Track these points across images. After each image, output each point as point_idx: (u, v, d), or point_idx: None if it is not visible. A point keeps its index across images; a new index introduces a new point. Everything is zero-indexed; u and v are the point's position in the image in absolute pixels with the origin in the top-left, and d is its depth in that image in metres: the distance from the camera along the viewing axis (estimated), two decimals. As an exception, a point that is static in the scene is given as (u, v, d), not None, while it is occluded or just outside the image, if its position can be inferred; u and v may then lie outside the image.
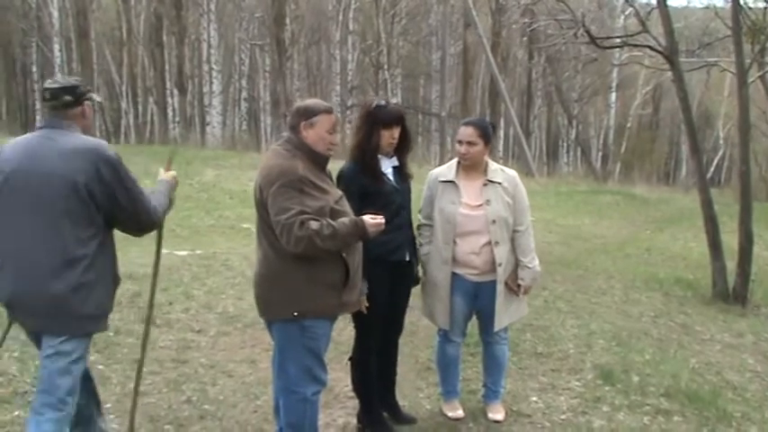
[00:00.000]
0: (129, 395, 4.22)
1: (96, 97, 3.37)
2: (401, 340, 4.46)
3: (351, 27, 29.27)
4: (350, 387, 4.21)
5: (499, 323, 4.09)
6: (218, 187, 13.49)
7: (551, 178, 25.88)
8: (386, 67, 30.01)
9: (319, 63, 36.62)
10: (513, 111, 28.40)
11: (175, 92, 28.76)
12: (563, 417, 4.38)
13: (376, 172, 3.82)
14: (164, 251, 7.63)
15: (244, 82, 31.58)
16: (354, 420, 4.13)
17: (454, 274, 4.02)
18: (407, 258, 3.95)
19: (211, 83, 26.16)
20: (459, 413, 4.29)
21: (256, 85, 33.71)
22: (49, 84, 3.13)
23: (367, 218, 3.27)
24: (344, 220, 3.24)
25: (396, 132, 3.82)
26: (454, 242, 3.99)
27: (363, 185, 3.74)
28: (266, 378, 4.59)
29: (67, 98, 3.08)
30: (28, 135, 3.13)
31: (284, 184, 3.15)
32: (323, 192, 3.27)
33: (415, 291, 4.24)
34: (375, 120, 3.80)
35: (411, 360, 5.16)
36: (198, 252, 7.75)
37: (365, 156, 3.81)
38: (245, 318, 5.85)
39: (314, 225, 3.11)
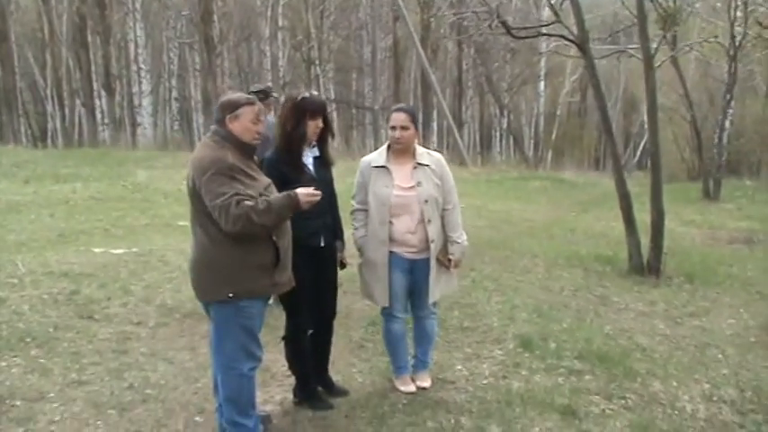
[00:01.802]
0: (72, 385, 4.43)
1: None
2: (336, 321, 4.73)
3: (280, 23, 29.25)
4: (286, 367, 4.45)
5: (432, 296, 4.40)
6: (151, 188, 13.50)
7: (484, 167, 26.49)
8: (317, 62, 30.12)
9: (250, 60, 36.46)
10: (444, 103, 28.92)
11: (103, 93, 28.21)
12: (485, 381, 4.72)
13: (298, 162, 4.07)
14: (98, 250, 7.83)
15: (174, 81, 31.19)
16: (291, 396, 4.38)
17: (391, 253, 4.31)
18: (322, 244, 4.19)
19: (140, 83, 25.86)
20: (412, 388, 4.54)
21: (187, 84, 33.40)
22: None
23: (300, 190, 3.53)
24: (277, 194, 3.51)
25: (320, 122, 4.08)
26: (390, 223, 4.27)
27: (283, 174, 3.95)
28: (206, 363, 4.80)
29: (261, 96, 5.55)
30: None
31: (216, 172, 3.38)
32: (252, 179, 3.51)
33: (347, 276, 4.51)
34: (302, 110, 4.03)
35: (345, 339, 5.45)
36: (134, 250, 7.85)
37: (292, 145, 4.05)
38: (183, 308, 6.04)
39: (249, 202, 3.36)
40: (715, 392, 4.87)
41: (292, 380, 4.41)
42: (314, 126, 4.05)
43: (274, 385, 4.61)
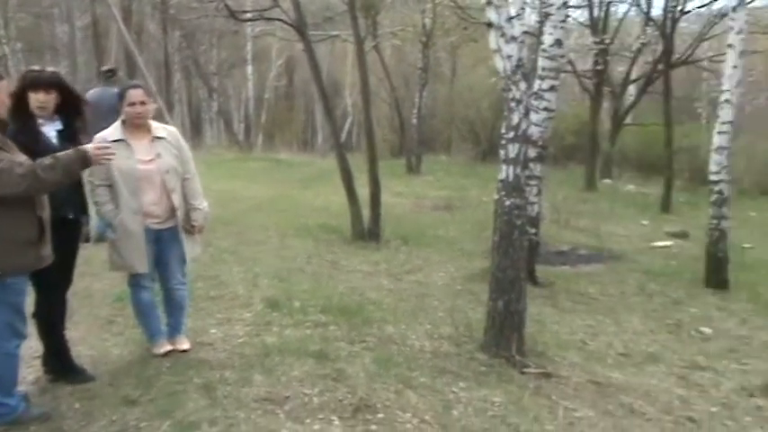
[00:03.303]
0: None
1: None
2: (77, 302, 4.66)
3: (-42, -4, 26.10)
4: (33, 349, 4.33)
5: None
6: None
7: (198, 151, 26.22)
8: (4, 40, 27.38)
9: None
10: (153, 85, 27.99)
11: None
12: (240, 340, 5.03)
13: (32, 131, 4.01)
14: None
15: None
16: (44, 374, 4.30)
17: None
18: (71, 216, 4.17)
19: None
20: (168, 347, 4.67)
21: None
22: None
23: (90, 145, 3.56)
24: (65, 151, 3.50)
25: (43, 96, 4.04)
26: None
27: (23, 144, 3.82)
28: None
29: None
30: None
31: None
32: (13, 153, 3.44)
33: (82, 257, 4.48)
34: (23, 84, 4.02)
35: (92, 317, 5.40)
36: None
37: (16, 116, 3.97)
38: None
39: (30, 163, 3.32)
40: (436, 331, 5.71)
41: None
42: (35, 99, 4.02)
43: (24, 367, 4.39)
